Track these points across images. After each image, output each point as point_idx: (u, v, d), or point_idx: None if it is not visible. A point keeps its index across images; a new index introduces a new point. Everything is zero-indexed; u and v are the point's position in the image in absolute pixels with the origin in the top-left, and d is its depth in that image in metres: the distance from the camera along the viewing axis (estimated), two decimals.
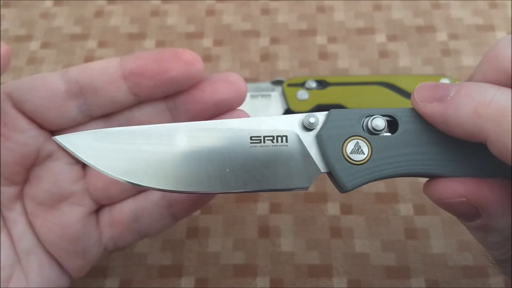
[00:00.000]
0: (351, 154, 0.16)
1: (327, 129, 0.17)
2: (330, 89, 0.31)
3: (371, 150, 0.16)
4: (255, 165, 0.17)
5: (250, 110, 0.32)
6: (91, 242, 0.21)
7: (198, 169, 0.17)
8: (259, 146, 0.17)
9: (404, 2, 0.37)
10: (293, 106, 0.31)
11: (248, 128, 0.17)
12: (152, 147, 0.17)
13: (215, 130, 0.17)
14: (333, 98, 0.31)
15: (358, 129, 0.17)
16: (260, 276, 0.26)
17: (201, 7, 0.37)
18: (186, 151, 0.17)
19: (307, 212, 0.28)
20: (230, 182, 0.17)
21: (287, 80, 0.32)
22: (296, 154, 0.17)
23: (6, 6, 0.38)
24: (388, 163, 0.16)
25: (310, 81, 0.31)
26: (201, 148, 0.17)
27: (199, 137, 0.17)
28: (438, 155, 0.16)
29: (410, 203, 0.28)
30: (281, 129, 0.17)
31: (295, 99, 0.31)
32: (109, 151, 0.17)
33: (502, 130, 0.13)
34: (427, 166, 0.16)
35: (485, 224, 0.16)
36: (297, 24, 0.36)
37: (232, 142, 0.17)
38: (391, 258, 0.27)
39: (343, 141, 0.17)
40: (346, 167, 0.16)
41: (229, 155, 0.17)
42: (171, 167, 0.17)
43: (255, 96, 0.32)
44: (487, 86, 0.15)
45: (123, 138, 0.17)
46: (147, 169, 0.17)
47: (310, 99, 0.31)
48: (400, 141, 0.16)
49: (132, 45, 0.36)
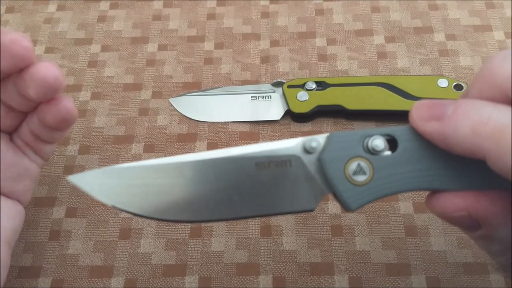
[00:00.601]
0: (353, 175, 0.17)
1: (328, 152, 0.17)
2: (330, 90, 0.32)
3: (373, 170, 0.17)
4: (262, 190, 0.17)
5: (251, 111, 0.32)
6: (25, 162, 0.25)
7: (207, 199, 0.17)
8: (264, 171, 0.17)
9: (401, 4, 0.37)
10: (294, 107, 0.31)
11: (252, 155, 0.18)
12: (161, 180, 0.17)
13: (221, 160, 0.18)
14: (332, 99, 0.31)
15: (359, 150, 0.17)
16: (262, 275, 0.27)
17: (202, 11, 0.38)
18: (193, 183, 0.17)
19: None
20: (238, 208, 0.17)
21: (287, 81, 0.32)
22: (301, 177, 0.17)
23: (10, 11, 0.39)
24: (390, 182, 0.17)
25: (310, 83, 0.32)
26: (208, 178, 0.17)
27: (205, 168, 0.17)
28: (438, 170, 0.17)
29: (410, 201, 0.29)
30: (285, 154, 0.17)
31: (295, 100, 0.31)
32: (121, 188, 0.17)
33: (501, 149, 0.14)
34: (428, 182, 0.17)
35: (486, 234, 0.16)
36: (296, 27, 0.37)
37: (237, 170, 0.17)
38: (391, 255, 0.27)
39: (344, 163, 0.17)
40: (349, 188, 0.17)
41: (235, 183, 0.17)
42: (181, 199, 0.17)
43: (256, 97, 0.33)
44: (484, 104, 0.15)
45: (133, 175, 0.17)
46: (158, 203, 0.17)
47: (310, 100, 0.31)
48: (401, 159, 0.17)
49: (135, 49, 0.36)
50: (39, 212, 0.29)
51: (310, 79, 0.32)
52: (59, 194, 0.30)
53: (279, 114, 0.32)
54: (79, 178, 0.17)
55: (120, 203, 0.17)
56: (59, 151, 0.32)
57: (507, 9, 0.36)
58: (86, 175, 0.17)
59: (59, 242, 0.28)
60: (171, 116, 0.33)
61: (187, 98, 0.33)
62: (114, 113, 0.33)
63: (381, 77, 0.32)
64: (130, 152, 0.31)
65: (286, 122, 0.32)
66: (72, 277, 0.27)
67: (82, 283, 0.27)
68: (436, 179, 0.17)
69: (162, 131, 0.32)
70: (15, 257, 0.28)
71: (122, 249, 0.28)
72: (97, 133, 0.32)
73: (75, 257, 0.28)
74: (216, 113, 0.32)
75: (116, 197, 0.17)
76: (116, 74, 0.35)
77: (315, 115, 0.32)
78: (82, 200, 0.30)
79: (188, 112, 0.33)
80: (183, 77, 0.35)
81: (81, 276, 0.27)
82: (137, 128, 0.32)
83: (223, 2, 0.38)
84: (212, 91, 0.33)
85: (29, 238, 0.28)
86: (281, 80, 0.33)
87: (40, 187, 0.30)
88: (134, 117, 0.33)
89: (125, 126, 0.33)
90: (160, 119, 0.33)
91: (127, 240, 0.28)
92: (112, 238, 0.28)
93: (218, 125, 0.32)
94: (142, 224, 0.29)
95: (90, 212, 0.29)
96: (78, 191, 0.30)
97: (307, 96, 0.31)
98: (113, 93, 0.34)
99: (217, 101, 0.33)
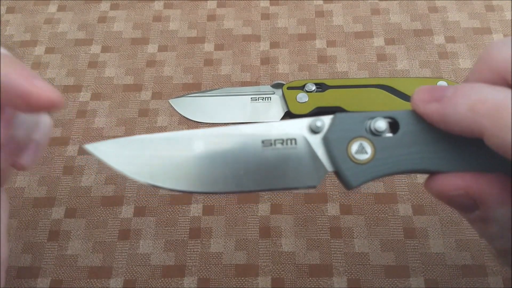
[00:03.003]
0: (355, 154, 0.18)
1: (333, 132, 0.18)
2: (330, 92, 0.32)
3: (375, 150, 0.17)
4: (267, 166, 0.18)
5: (251, 112, 0.32)
6: None
7: (214, 171, 0.18)
8: (270, 149, 0.18)
9: (401, 6, 0.37)
10: (293, 109, 0.31)
11: (259, 133, 0.18)
12: (173, 152, 0.18)
13: (229, 136, 0.18)
14: (332, 101, 0.31)
15: (361, 131, 0.18)
16: (261, 276, 0.27)
17: (203, 12, 0.38)
18: (203, 155, 0.18)
19: (307, 213, 0.29)
20: (244, 182, 0.18)
21: (287, 83, 0.33)
22: (305, 155, 0.18)
23: (11, 12, 0.39)
24: (391, 162, 0.17)
25: (310, 84, 0.32)
26: (217, 152, 0.18)
27: (214, 142, 0.18)
28: (437, 153, 0.17)
29: (408, 203, 0.29)
30: (290, 133, 0.18)
31: (295, 102, 0.31)
32: (134, 157, 0.18)
33: (498, 126, 0.14)
34: (427, 163, 0.17)
35: (483, 216, 0.17)
36: (296, 29, 0.37)
37: (245, 146, 0.18)
38: (390, 257, 0.27)
39: (347, 142, 0.18)
40: (351, 166, 0.17)
41: (242, 158, 0.18)
42: (190, 170, 0.18)
43: (256, 99, 0.33)
44: (483, 85, 0.15)
45: (146, 146, 0.18)
46: (168, 173, 0.18)
47: (309, 101, 0.31)
48: (401, 141, 0.17)
49: (135, 50, 0.36)
50: (38, 212, 0.29)
51: (309, 80, 0.32)
52: (58, 194, 0.30)
53: (279, 115, 0.32)
54: (95, 147, 0.18)
55: (131, 172, 0.18)
56: (59, 152, 0.32)
57: (507, 12, 0.36)
58: (102, 145, 0.18)
59: (58, 242, 0.28)
60: (171, 117, 0.33)
61: (187, 99, 0.33)
62: (114, 114, 0.33)
63: (381, 79, 0.32)
64: None
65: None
66: (71, 278, 0.27)
67: (81, 283, 0.27)
68: (435, 161, 0.17)
69: (162, 131, 0.32)
70: (14, 257, 0.28)
71: (121, 250, 0.28)
72: (97, 134, 0.32)
73: (74, 258, 0.28)
74: (216, 114, 0.33)
75: (129, 166, 0.18)
76: (116, 75, 0.35)
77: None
78: (82, 201, 0.30)
79: (188, 113, 0.33)
80: (183, 78, 0.35)
81: (80, 276, 0.27)
82: (136, 129, 0.32)
83: (224, 3, 0.38)
84: (212, 92, 0.34)
85: (28, 239, 0.28)
86: (281, 81, 0.33)
87: (40, 187, 0.30)
88: (133, 117, 0.33)
89: (124, 126, 0.33)
90: (160, 120, 0.33)
91: (126, 241, 0.28)
92: (111, 238, 0.28)
93: (218, 126, 0.32)
94: (141, 225, 0.29)
95: (89, 212, 0.29)
96: (77, 191, 0.30)
97: (307, 98, 0.31)
98: (113, 93, 0.34)
99: (217, 102, 0.33)
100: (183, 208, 0.29)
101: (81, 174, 0.31)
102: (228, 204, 0.29)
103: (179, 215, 0.29)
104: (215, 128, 0.19)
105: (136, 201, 0.30)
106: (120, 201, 0.30)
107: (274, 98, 0.32)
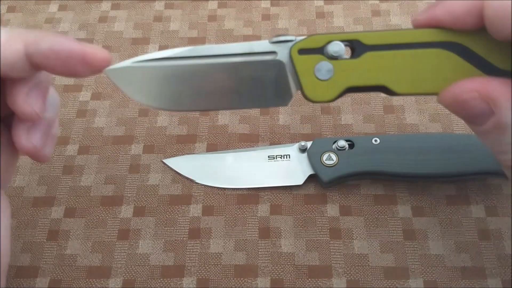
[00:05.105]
0: (325, 161, 0.29)
1: (312, 148, 0.30)
2: (368, 57, 0.19)
3: (338, 158, 0.29)
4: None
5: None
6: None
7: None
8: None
9: (402, 8, 0.37)
10: (310, 91, 0.20)
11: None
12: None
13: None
14: (373, 74, 0.19)
15: (330, 147, 0.29)
16: (261, 277, 0.27)
17: (203, 12, 0.38)
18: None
19: (307, 214, 0.29)
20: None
21: (296, 41, 0.20)
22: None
23: (11, 11, 0.39)
24: (348, 166, 0.28)
25: (335, 43, 0.19)
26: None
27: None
28: (382, 160, 0.29)
29: (408, 205, 0.29)
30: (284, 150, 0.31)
31: (312, 77, 0.19)
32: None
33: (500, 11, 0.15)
34: (375, 167, 0.29)
35: (498, 122, 0.17)
36: (297, 30, 0.37)
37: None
38: (389, 259, 0.27)
39: (321, 154, 0.29)
40: (323, 168, 0.29)
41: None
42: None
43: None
44: None
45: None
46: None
47: (336, 76, 0.19)
48: (355, 153, 0.29)
49: (136, 50, 0.36)
50: (37, 212, 0.29)
51: (334, 36, 0.19)
52: (58, 194, 0.30)
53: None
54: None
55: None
56: (59, 151, 0.32)
57: None
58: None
59: (58, 242, 0.28)
60: (171, 117, 0.33)
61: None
62: (114, 114, 0.33)
63: (449, 34, 0.19)
64: (129, 153, 0.31)
65: (285, 124, 0.32)
66: (70, 278, 0.27)
67: (80, 283, 0.27)
68: (382, 164, 0.29)
69: (161, 132, 0.32)
70: (13, 256, 0.28)
71: (120, 250, 0.28)
72: (97, 133, 0.32)
73: (73, 257, 0.28)
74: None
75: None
76: None
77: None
78: (81, 201, 0.30)
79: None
80: None
81: (79, 276, 0.27)
82: (136, 129, 0.32)
83: (224, 3, 0.39)
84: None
85: (27, 238, 0.28)
86: (285, 36, 0.20)
87: (39, 187, 0.30)
88: (134, 117, 0.33)
89: (124, 126, 0.33)
90: (160, 120, 0.33)
91: (126, 241, 0.28)
92: (110, 238, 0.28)
93: (218, 126, 0.32)
94: (140, 225, 0.29)
95: (88, 212, 0.29)
96: (77, 191, 0.30)
97: (331, 70, 0.19)
98: (113, 93, 0.34)
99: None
100: (182, 208, 0.29)
101: (81, 174, 0.31)
102: (227, 204, 0.29)
103: (179, 215, 0.29)
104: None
105: (136, 201, 0.30)
106: (120, 201, 0.30)
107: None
